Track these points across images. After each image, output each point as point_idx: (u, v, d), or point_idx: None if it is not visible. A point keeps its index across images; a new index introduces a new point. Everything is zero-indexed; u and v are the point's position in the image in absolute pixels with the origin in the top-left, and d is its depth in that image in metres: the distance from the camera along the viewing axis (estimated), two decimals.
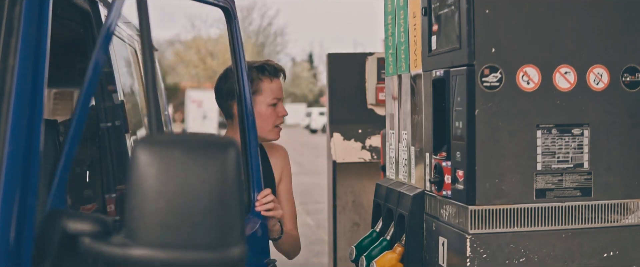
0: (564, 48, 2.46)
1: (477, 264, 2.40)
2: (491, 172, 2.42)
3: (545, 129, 2.45)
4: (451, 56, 2.54)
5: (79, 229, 1.22)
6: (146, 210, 1.17)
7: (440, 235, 2.64)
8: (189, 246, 1.16)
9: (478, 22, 2.40)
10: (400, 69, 3.13)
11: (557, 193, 2.46)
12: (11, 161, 1.24)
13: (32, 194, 1.26)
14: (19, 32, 1.37)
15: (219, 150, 1.19)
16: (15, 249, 1.20)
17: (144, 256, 1.16)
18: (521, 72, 2.43)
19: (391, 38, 3.25)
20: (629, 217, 2.50)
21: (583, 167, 2.48)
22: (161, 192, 1.17)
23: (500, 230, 2.42)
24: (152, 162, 1.17)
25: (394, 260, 2.86)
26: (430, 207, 2.76)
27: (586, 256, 2.46)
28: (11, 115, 1.28)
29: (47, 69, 1.43)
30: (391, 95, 3.28)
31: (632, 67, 2.50)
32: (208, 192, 1.18)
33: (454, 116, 2.50)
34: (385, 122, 3.37)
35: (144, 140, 1.19)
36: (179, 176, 1.17)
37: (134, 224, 1.17)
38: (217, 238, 1.18)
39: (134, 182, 1.17)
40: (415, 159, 2.94)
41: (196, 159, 1.18)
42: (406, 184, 3.05)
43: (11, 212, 1.20)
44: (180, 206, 1.17)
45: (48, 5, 1.50)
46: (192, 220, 1.17)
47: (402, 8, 3.08)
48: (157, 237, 1.16)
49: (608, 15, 2.48)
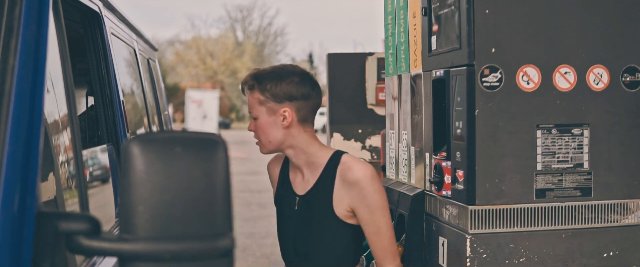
0: (564, 48, 2.46)
1: (477, 264, 2.40)
2: (491, 172, 2.42)
3: (545, 129, 2.45)
4: (451, 56, 2.54)
5: (72, 228, 1.23)
6: (138, 205, 1.21)
7: (440, 235, 2.64)
8: (181, 238, 1.21)
9: (478, 22, 2.40)
10: (400, 69, 3.14)
11: (557, 193, 2.46)
12: (11, 161, 1.24)
13: (32, 194, 1.26)
14: (19, 32, 1.37)
15: (208, 145, 1.24)
16: (15, 249, 1.20)
17: (136, 249, 1.20)
18: (521, 72, 2.43)
19: (391, 38, 3.25)
20: (629, 217, 2.50)
21: (583, 167, 2.48)
22: (154, 187, 1.21)
23: (500, 230, 2.42)
24: (143, 158, 1.21)
25: None
26: (430, 207, 2.76)
27: (586, 256, 2.46)
28: (11, 115, 1.28)
29: (47, 69, 1.43)
30: (391, 95, 3.28)
31: (632, 67, 2.50)
32: (197, 186, 1.22)
33: (454, 116, 2.50)
34: (385, 122, 3.37)
35: (135, 137, 1.22)
36: (169, 171, 1.22)
37: (127, 219, 1.21)
38: (207, 229, 1.22)
39: (126, 178, 1.21)
40: (415, 159, 2.94)
41: (186, 155, 1.23)
42: (406, 184, 3.05)
43: (11, 212, 1.20)
44: (172, 200, 1.22)
45: (48, 5, 1.50)
46: (183, 213, 1.22)
47: (402, 8, 3.08)
48: (148, 230, 1.21)
49: (608, 15, 2.48)
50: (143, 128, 3.28)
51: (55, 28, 1.59)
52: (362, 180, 2.45)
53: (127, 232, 1.21)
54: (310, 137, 2.58)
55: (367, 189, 2.45)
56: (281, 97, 2.51)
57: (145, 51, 3.93)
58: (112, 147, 2.37)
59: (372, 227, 2.49)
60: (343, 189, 2.49)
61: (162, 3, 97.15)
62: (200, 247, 1.22)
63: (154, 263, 1.21)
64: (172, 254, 1.20)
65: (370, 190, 2.45)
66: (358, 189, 2.46)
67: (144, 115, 3.37)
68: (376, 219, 2.48)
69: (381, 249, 2.52)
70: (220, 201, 1.23)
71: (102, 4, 2.57)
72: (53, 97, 1.54)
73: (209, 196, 1.23)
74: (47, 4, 1.49)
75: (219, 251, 1.22)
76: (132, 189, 1.21)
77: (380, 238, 2.50)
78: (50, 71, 1.49)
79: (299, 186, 2.61)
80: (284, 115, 2.52)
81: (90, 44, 2.48)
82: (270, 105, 2.51)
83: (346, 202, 2.50)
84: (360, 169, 2.47)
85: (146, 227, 1.21)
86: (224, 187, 1.24)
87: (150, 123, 3.51)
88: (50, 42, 1.50)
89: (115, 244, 1.21)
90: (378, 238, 2.50)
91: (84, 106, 3.67)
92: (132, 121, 2.85)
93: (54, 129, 1.54)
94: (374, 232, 2.50)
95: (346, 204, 2.50)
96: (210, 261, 1.22)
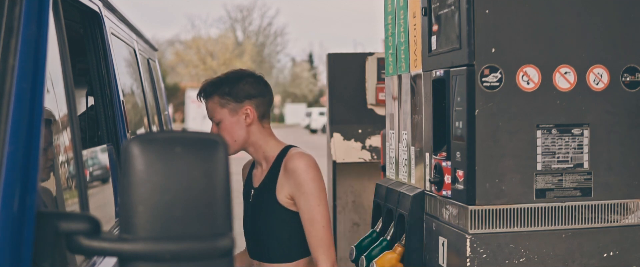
0: (564, 48, 2.46)
1: (477, 264, 2.40)
2: (491, 172, 2.42)
3: (545, 129, 2.45)
4: (451, 56, 2.54)
5: (72, 228, 1.24)
6: (138, 205, 1.21)
7: (440, 235, 2.64)
8: (181, 238, 1.22)
9: (478, 22, 2.40)
10: (400, 69, 3.14)
11: (557, 193, 2.46)
12: (11, 161, 1.24)
13: (32, 194, 1.26)
14: (19, 32, 1.37)
15: (208, 145, 1.24)
16: (15, 249, 1.20)
17: (136, 249, 1.21)
18: (521, 72, 2.43)
19: (391, 38, 3.25)
20: (629, 217, 2.50)
21: (583, 167, 2.48)
22: (154, 187, 1.22)
23: (500, 230, 2.42)
24: (143, 158, 1.22)
25: (394, 260, 2.86)
26: (430, 207, 2.76)
27: (586, 256, 2.46)
28: (11, 115, 1.28)
29: (47, 69, 1.43)
30: (391, 95, 3.28)
31: (632, 67, 2.50)
32: (197, 186, 1.23)
33: (454, 116, 2.50)
34: (385, 122, 3.37)
35: (135, 137, 1.23)
36: (169, 171, 1.22)
37: (127, 219, 1.21)
38: (206, 229, 1.23)
39: (126, 178, 1.21)
40: (415, 159, 2.94)
41: (186, 155, 1.23)
42: (406, 184, 3.05)
43: (11, 212, 1.20)
44: (172, 200, 1.22)
45: (48, 5, 1.50)
46: (183, 213, 1.22)
47: (402, 8, 3.08)
48: (148, 230, 1.21)
49: (608, 15, 2.48)
50: (143, 128, 3.28)
51: (55, 28, 1.59)
52: (299, 168, 2.60)
53: (127, 232, 1.21)
54: (268, 133, 2.77)
55: (302, 176, 2.59)
56: (241, 96, 2.69)
57: (145, 51, 3.93)
58: (112, 147, 2.37)
59: (307, 214, 2.61)
60: (284, 177, 2.65)
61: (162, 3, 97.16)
62: (200, 247, 1.22)
63: (154, 263, 1.21)
64: (172, 254, 1.21)
65: (305, 177, 2.59)
66: (295, 176, 2.61)
67: (144, 115, 3.37)
68: (311, 208, 2.60)
69: (315, 238, 2.62)
70: (220, 201, 1.24)
71: (102, 4, 2.57)
72: (53, 97, 1.54)
73: (209, 196, 1.23)
74: (47, 4, 1.49)
75: (219, 251, 1.23)
76: (132, 189, 1.21)
77: (315, 227, 2.61)
78: (50, 71, 1.49)
79: (256, 179, 2.80)
80: (246, 113, 2.70)
81: (90, 44, 2.48)
82: (231, 106, 2.70)
83: (286, 190, 2.64)
84: (299, 158, 2.63)
85: (146, 227, 1.21)
86: (224, 187, 1.24)
87: (150, 123, 3.51)
88: (50, 42, 1.50)
89: (115, 244, 1.22)
90: (312, 227, 2.61)
91: (84, 106, 3.67)
92: (132, 121, 2.85)
93: (54, 129, 1.54)
94: (309, 220, 2.61)
95: (286, 192, 2.64)
96: (210, 261, 1.23)
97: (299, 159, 2.62)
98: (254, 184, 2.80)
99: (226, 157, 1.24)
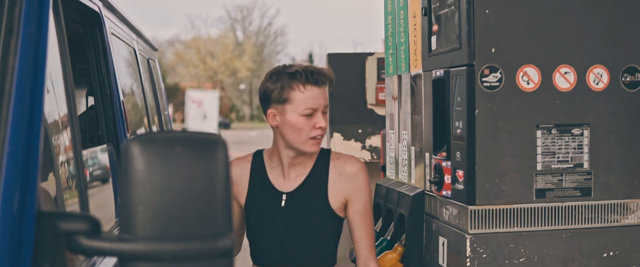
0: (564, 48, 2.46)
1: (477, 264, 2.40)
2: (491, 172, 2.42)
3: (545, 129, 2.45)
4: (451, 56, 2.54)
5: (72, 228, 1.24)
6: (138, 205, 1.21)
7: (440, 235, 2.64)
8: (180, 238, 1.22)
9: (478, 22, 2.40)
10: (400, 69, 3.14)
11: (557, 193, 2.46)
12: (11, 161, 1.24)
13: (32, 194, 1.26)
14: (19, 32, 1.37)
15: (208, 145, 1.24)
16: (15, 249, 1.20)
17: (136, 249, 1.21)
18: (521, 72, 2.43)
19: (391, 38, 3.25)
20: (629, 217, 2.50)
21: (583, 167, 2.48)
22: (154, 187, 1.22)
23: (500, 230, 2.42)
24: (143, 158, 1.21)
25: (394, 260, 2.86)
26: (430, 207, 2.76)
27: (586, 256, 2.46)
28: (11, 115, 1.28)
29: (47, 69, 1.43)
30: (391, 96, 3.28)
31: (632, 67, 2.50)
32: (197, 186, 1.23)
33: (454, 116, 2.50)
34: (385, 122, 3.38)
35: (135, 137, 1.23)
36: (169, 171, 1.22)
37: (127, 219, 1.21)
38: (206, 229, 1.23)
39: (126, 178, 1.21)
40: (415, 159, 2.94)
41: (186, 155, 1.23)
42: (406, 184, 3.05)
43: (11, 212, 1.20)
44: (172, 200, 1.22)
45: (48, 5, 1.50)
46: (183, 213, 1.22)
47: (402, 8, 3.08)
48: (148, 230, 1.21)
49: (608, 15, 2.48)
50: (143, 128, 3.28)
51: (55, 28, 1.59)
52: (361, 172, 2.55)
53: (127, 232, 1.21)
54: None
55: (364, 180, 2.55)
56: None
57: (145, 51, 3.93)
58: (112, 147, 2.37)
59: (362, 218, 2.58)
60: (339, 182, 2.57)
61: (162, 3, 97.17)
62: (200, 247, 1.22)
63: (154, 263, 1.21)
64: (172, 254, 1.21)
65: (365, 181, 2.56)
66: (355, 180, 2.56)
67: (144, 115, 3.37)
68: (367, 212, 2.57)
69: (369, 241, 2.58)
70: (220, 201, 1.24)
71: (102, 4, 2.57)
72: (53, 97, 1.53)
73: (209, 196, 1.23)
74: (47, 4, 1.49)
75: (219, 251, 1.23)
76: (132, 189, 1.21)
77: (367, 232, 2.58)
78: (50, 71, 1.49)
79: (282, 183, 2.62)
80: None
81: (90, 44, 2.48)
82: None
83: (343, 194, 2.57)
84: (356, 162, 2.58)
85: (146, 227, 1.21)
86: (224, 187, 1.24)
87: (150, 123, 3.51)
88: (50, 42, 1.50)
89: (115, 244, 1.22)
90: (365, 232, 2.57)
91: (84, 106, 3.67)
92: (132, 121, 2.85)
93: (54, 129, 1.54)
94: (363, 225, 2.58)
95: (343, 196, 2.57)
96: (210, 261, 1.23)
97: (356, 163, 2.57)
98: (283, 189, 2.60)
99: (226, 157, 1.24)
